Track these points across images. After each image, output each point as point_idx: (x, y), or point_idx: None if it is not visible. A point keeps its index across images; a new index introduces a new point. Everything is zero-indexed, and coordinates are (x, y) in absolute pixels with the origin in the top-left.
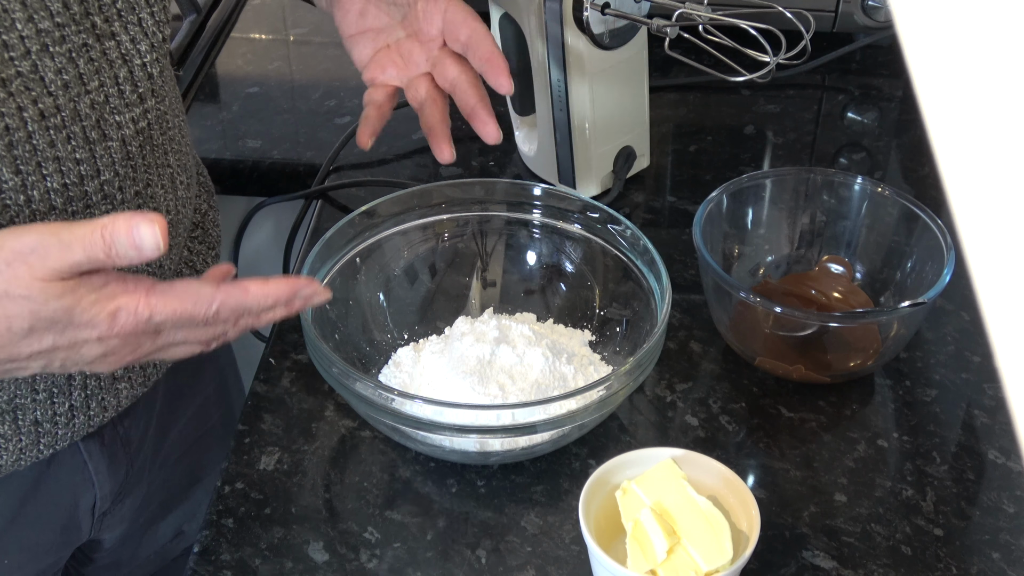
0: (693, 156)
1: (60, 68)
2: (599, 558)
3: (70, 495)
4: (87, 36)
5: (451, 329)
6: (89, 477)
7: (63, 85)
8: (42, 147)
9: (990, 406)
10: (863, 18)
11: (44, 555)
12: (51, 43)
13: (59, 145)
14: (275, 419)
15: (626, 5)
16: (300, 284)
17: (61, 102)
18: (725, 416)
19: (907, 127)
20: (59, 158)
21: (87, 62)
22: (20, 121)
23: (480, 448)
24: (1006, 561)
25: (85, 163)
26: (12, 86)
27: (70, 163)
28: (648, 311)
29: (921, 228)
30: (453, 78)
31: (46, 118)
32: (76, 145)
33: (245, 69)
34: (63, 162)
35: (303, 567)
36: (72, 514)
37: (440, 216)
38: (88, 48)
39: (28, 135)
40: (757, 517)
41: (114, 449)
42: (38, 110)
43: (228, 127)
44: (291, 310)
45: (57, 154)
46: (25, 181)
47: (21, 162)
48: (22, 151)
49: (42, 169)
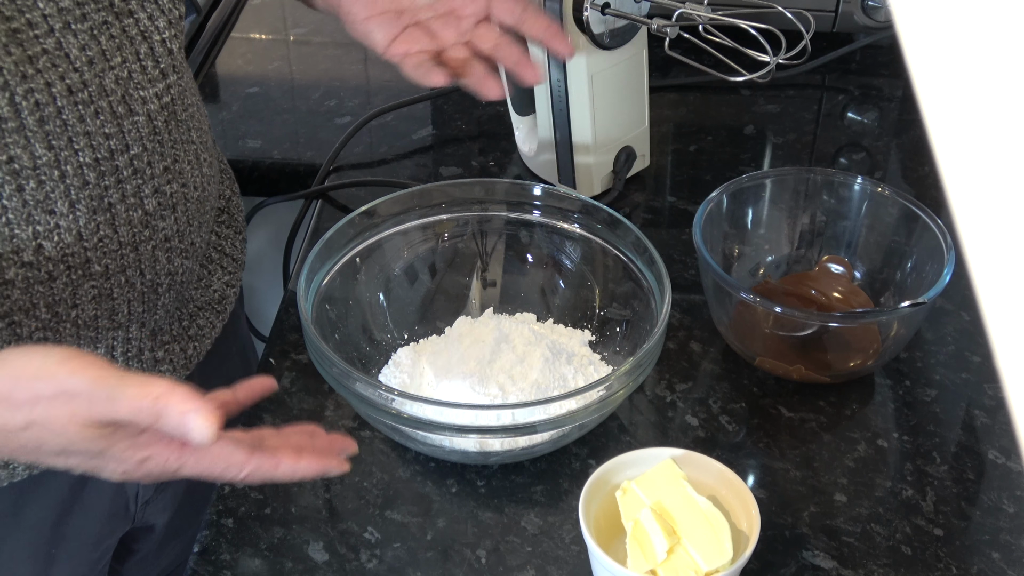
0: (693, 156)
1: (83, 44)
2: (599, 558)
3: (116, 484)
4: (106, 14)
5: (451, 329)
6: None
7: (87, 61)
8: (72, 122)
9: (990, 406)
10: (863, 18)
11: (96, 544)
12: (72, 20)
13: (88, 120)
14: (275, 419)
15: (626, 5)
16: (331, 464)
17: (87, 77)
18: (725, 416)
19: (907, 127)
20: (89, 133)
21: (108, 39)
22: (49, 96)
23: (480, 448)
24: (1006, 561)
25: (114, 137)
26: (39, 63)
27: (100, 137)
28: (648, 311)
29: (921, 228)
30: (494, 42)
31: (73, 93)
32: (104, 120)
33: (245, 69)
34: (93, 137)
35: (303, 567)
36: (119, 502)
37: (440, 216)
38: (108, 25)
39: (58, 110)
40: (757, 517)
41: None
42: (65, 85)
43: (228, 127)
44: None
45: (87, 129)
46: (58, 156)
47: (53, 137)
48: (53, 126)
49: (73, 144)
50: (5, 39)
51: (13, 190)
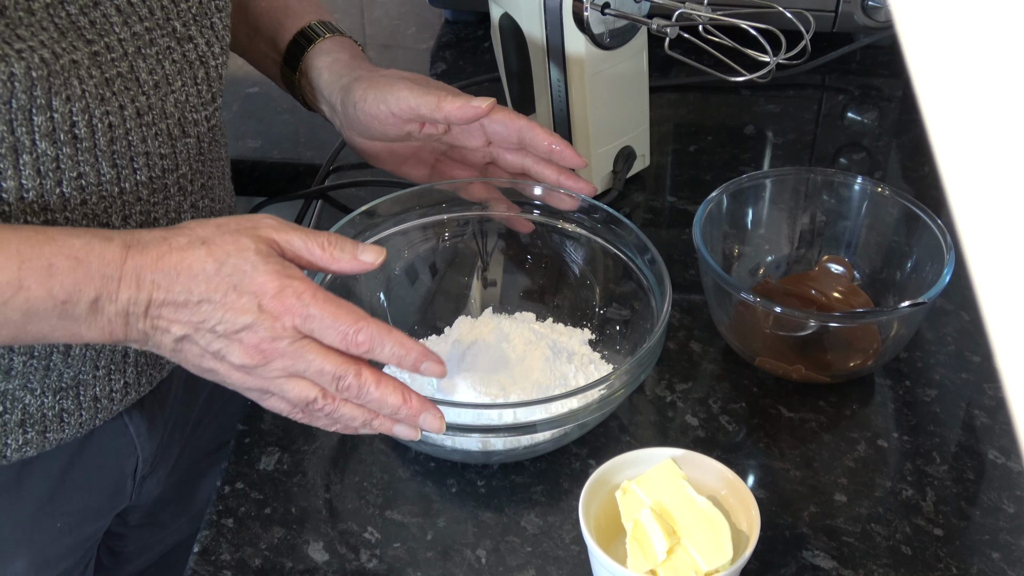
0: (693, 156)
1: (151, 69)
2: (599, 558)
3: (114, 459)
4: (170, 39)
5: (451, 329)
6: (131, 441)
7: (154, 85)
8: (136, 143)
9: (990, 406)
10: (863, 18)
11: (93, 518)
12: (143, 45)
13: (149, 141)
14: (275, 419)
15: (626, 5)
16: (432, 355)
17: (152, 101)
18: (725, 416)
19: (907, 127)
20: (148, 153)
21: (171, 63)
22: (120, 119)
23: (483, 448)
24: (1006, 561)
25: (168, 158)
26: (115, 86)
27: (156, 157)
28: (648, 310)
29: (921, 228)
30: (520, 163)
31: (140, 115)
32: (162, 141)
33: (245, 69)
34: (151, 157)
35: (303, 567)
36: (118, 478)
37: (440, 216)
38: (171, 50)
39: (126, 132)
40: (757, 517)
41: (153, 412)
42: (135, 108)
43: (228, 127)
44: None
45: (147, 149)
46: (120, 174)
47: (118, 156)
48: (120, 147)
49: (134, 163)
50: (88, 62)
51: (77, 204)
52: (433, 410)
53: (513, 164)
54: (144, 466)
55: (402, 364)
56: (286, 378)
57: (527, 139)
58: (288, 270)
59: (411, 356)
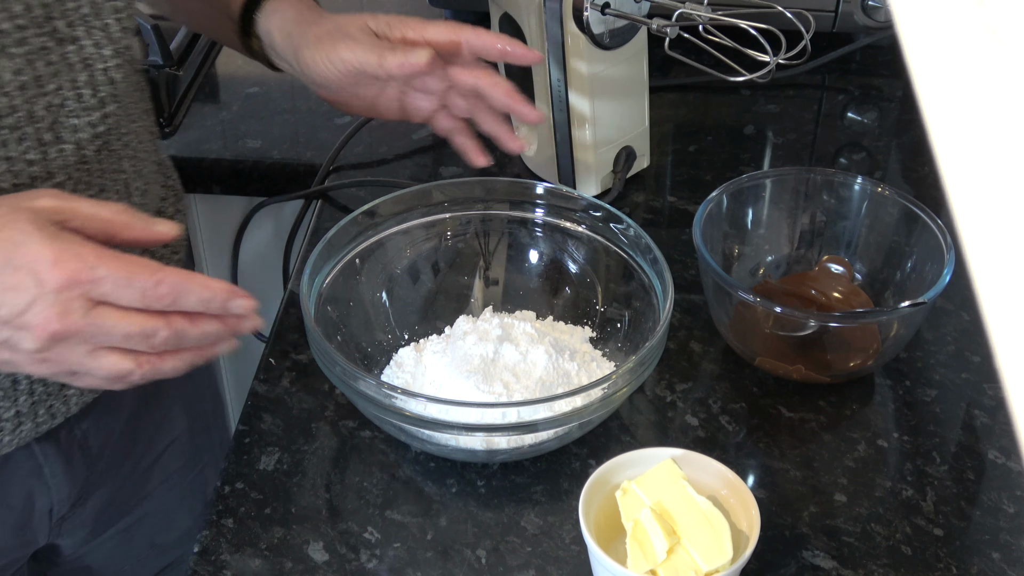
0: (693, 156)
1: (18, 69)
2: (599, 558)
3: (24, 497)
4: (47, 39)
5: (452, 328)
6: (44, 480)
7: (19, 86)
8: None
9: (990, 406)
10: (863, 18)
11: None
12: (10, 44)
13: (11, 145)
14: (275, 419)
15: (626, 5)
16: (238, 291)
17: (17, 103)
18: (725, 416)
19: (907, 127)
20: (10, 158)
21: (45, 64)
22: None
23: (487, 447)
24: (1006, 561)
25: (37, 164)
26: None
27: (22, 163)
28: (649, 309)
29: (921, 228)
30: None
31: (1, 118)
32: (29, 146)
33: (245, 69)
34: (14, 162)
35: (303, 567)
36: (26, 516)
37: (442, 215)
38: (47, 51)
39: None
40: (757, 517)
41: (71, 453)
42: None
43: (228, 127)
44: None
45: (8, 154)
46: None
47: None
48: None
49: None
50: None
51: None
52: (241, 297)
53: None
54: (60, 506)
55: (210, 308)
56: (90, 353)
57: (475, 47)
58: (66, 234)
59: (219, 298)
